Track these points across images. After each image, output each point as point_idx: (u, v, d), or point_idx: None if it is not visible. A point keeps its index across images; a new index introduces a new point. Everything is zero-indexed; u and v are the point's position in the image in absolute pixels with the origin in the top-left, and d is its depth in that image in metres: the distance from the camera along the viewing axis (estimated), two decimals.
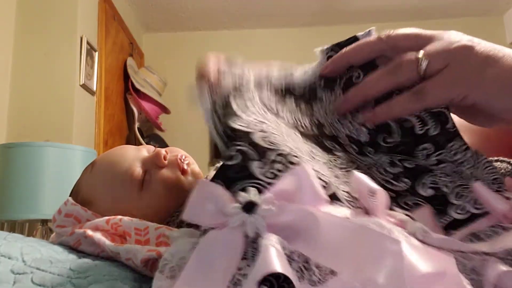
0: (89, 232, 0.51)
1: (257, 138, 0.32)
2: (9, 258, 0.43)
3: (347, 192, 0.32)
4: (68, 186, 0.72)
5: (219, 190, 0.28)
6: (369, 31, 0.46)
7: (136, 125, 2.93)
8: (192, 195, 0.28)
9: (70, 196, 0.66)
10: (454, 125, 0.38)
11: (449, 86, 0.36)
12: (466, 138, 0.38)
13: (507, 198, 0.31)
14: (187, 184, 0.64)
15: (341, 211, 0.28)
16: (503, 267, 0.25)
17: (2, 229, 1.74)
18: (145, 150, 0.67)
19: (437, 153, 0.37)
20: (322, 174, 0.31)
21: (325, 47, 0.48)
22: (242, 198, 0.26)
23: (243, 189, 0.28)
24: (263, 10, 3.33)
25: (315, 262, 0.24)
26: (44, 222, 1.65)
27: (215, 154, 3.30)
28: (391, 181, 0.35)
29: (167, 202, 0.60)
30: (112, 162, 0.64)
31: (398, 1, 3.28)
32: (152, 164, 0.63)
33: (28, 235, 0.89)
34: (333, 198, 0.30)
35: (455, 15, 3.52)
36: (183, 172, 0.64)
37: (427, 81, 0.37)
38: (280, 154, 0.31)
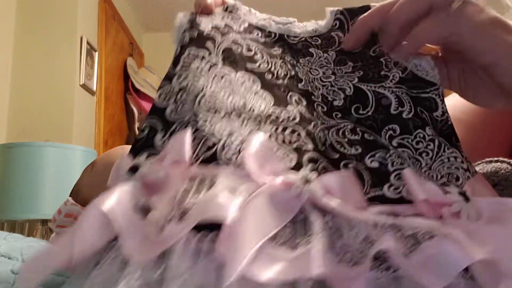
0: None
1: (168, 112, 0.36)
2: (9, 258, 0.43)
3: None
4: (68, 186, 0.72)
5: (125, 160, 0.33)
6: None
7: (136, 125, 2.93)
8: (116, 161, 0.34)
9: (70, 196, 0.66)
10: (444, 113, 0.38)
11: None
12: (458, 133, 0.37)
13: (446, 192, 0.31)
14: None
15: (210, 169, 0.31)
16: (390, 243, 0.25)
17: (2, 229, 1.74)
18: None
19: (401, 137, 0.36)
20: (217, 134, 0.33)
21: (336, 8, 0.48)
22: (132, 163, 0.32)
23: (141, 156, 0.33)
24: (263, 10, 3.33)
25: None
26: (44, 222, 1.65)
27: None
28: (345, 144, 0.35)
29: None
30: (112, 162, 0.64)
31: None
32: None
33: (28, 235, 0.89)
34: (211, 160, 0.32)
35: None
36: None
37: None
38: (180, 123, 0.35)
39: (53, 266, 0.26)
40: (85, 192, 0.64)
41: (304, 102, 0.39)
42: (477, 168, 0.46)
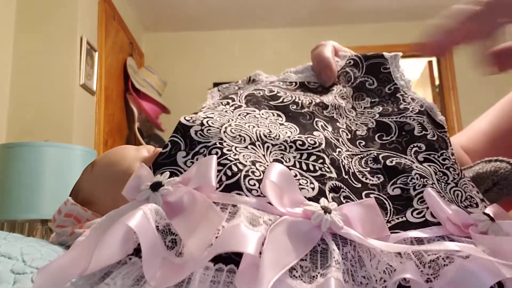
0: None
1: (192, 131, 0.36)
2: (9, 258, 0.43)
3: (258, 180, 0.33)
4: (68, 186, 0.72)
5: (145, 172, 0.33)
6: (396, 55, 0.49)
7: (136, 125, 2.93)
8: (134, 171, 0.33)
9: (70, 196, 0.66)
10: (453, 154, 0.39)
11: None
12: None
13: (469, 213, 0.30)
14: None
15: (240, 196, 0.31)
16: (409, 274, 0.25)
17: (2, 229, 1.74)
18: (145, 150, 0.68)
19: (427, 152, 0.37)
20: (241, 162, 0.33)
21: (349, 54, 0.50)
22: (154, 179, 0.31)
23: (163, 173, 0.33)
24: (263, 10, 3.33)
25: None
26: (44, 222, 1.65)
27: None
28: (367, 174, 0.36)
29: None
30: (112, 162, 0.64)
31: (398, 1, 3.28)
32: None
33: (28, 235, 0.89)
34: (234, 187, 0.32)
35: None
36: None
37: None
38: (205, 146, 0.35)
39: (70, 277, 0.26)
40: (85, 192, 0.64)
41: (330, 128, 0.40)
42: (476, 168, 0.46)
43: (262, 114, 0.40)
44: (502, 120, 0.58)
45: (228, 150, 0.34)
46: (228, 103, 0.41)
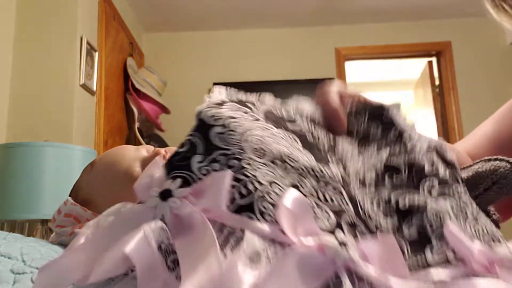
0: None
1: (212, 133, 0.34)
2: (9, 258, 0.43)
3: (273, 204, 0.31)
4: (68, 186, 0.72)
5: (158, 172, 0.32)
6: (397, 104, 0.48)
7: (136, 125, 2.93)
8: (145, 169, 0.32)
9: (69, 195, 0.66)
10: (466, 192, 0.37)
11: None
12: None
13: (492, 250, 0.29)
14: None
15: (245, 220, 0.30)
16: None
17: (2, 229, 1.74)
18: (145, 150, 0.68)
19: (441, 186, 0.35)
20: (259, 181, 0.32)
21: (355, 101, 0.49)
22: (165, 185, 0.30)
23: (175, 177, 0.31)
24: (263, 10, 3.33)
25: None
26: (44, 222, 1.65)
27: None
28: (380, 216, 0.34)
29: None
30: (112, 162, 0.64)
31: (398, 1, 3.28)
32: None
33: (28, 235, 0.89)
34: (246, 208, 0.30)
35: (455, 15, 3.53)
36: None
37: None
38: (223, 154, 0.33)
39: (70, 281, 0.26)
40: (84, 192, 0.64)
41: (341, 167, 0.38)
42: (475, 167, 0.46)
43: (279, 133, 0.38)
44: (506, 125, 0.58)
45: (246, 163, 0.32)
46: (246, 112, 0.39)
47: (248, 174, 0.32)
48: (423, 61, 3.83)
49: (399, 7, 3.35)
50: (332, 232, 0.30)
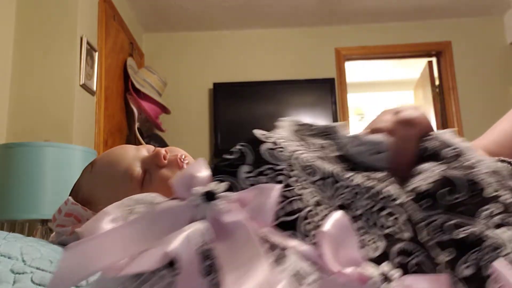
0: None
1: (263, 148, 0.34)
2: (9, 257, 0.43)
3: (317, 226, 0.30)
4: (68, 186, 0.72)
5: (203, 172, 0.31)
6: (450, 130, 0.46)
7: (136, 125, 2.93)
8: (187, 167, 0.30)
9: (70, 195, 0.66)
10: None
11: None
12: None
13: None
14: None
15: (281, 238, 0.29)
16: None
17: (2, 229, 1.74)
18: (145, 150, 0.67)
19: (501, 216, 0.33)
20: (305, 200, 0.31)
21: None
22: (209, 186, 0.29)
23: (220, 181, 0.31)
24: (263, 10, 3.33)
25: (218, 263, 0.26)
26: (44, 222, 1.65)
27: (215, 153, 3.30)
28: (436, 245, 0.32)
29: None
30: (112, 162, 0.64)
31: (398, 1, 3.28)
32: (152, 164, 0.63)
33: (28, 235, 0.89)
34: (290, 226, 0.30)
35: (455, 15, 3.52)
36: None
37: None
38: (272, 169, 0.33)
39: (95, 268, 0.26)
40: (84, 192, 0.64)
41: (397, 186, 0.36)
42: None
43: (329, 152, 0.38)
44: None
45: (294, 181, 0.32)
46: (302, 144, 0.39)
47: (296, 192, 0.31)
48: (423, 61, 3.83)
49: (399, 7, 3.35)
50: (377, 261, 0.28)
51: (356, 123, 5.93)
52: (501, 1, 3.32)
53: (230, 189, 0.31)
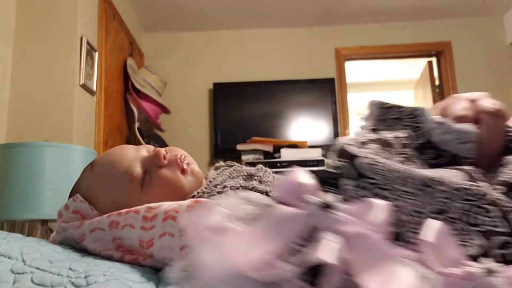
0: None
1: (360, 162, 0.36)
2: (9, 257, 0.43)
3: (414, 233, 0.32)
4: (68, 186, 0.72)
5: (310, 181, 0.32)
6: None
7: (136, 125, 2.93)
8: (289, 173, 0.33)
9: (69, 195, 0.66)
10: None
11: None
12: None
13: None
14: (187, 183, 0.64)
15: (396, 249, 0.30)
16: None
17: (2, 229, 1.74)
18: (145, 150, 0.68)
19: None
20: (403, 212, 0.33)
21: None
22: (324, 196, 0.31)
23: (326, 192, 0.32)
24: (263, 10, 3.33)
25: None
26: (44, 222, 1.65)
27: (215, 153, 3.30)
28: None
29: (166, 201, 0.60)
30: (112, 162, 0.64)
31: (398, 1, 3.28)
32: (152, 164, 0.63)
33: (28, 235, 0.89)
34: (393, 236, 0.31)
35: (455, 15, 3.52)
36: (183, 171, 0.64)
37: None
38: (374, 184, 0.35)
39: (233, 265, 0.27)
40: (85, 192, 0.64)
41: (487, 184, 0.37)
42: None
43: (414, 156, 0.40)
44: None
45: (389, 192, 0.34)
46: (389, 144, 0.41)
47: (394, 204, 0.33)
48: (423, 61, 3.83)
49: (399, 7, 3.35)
50: (478, 258, 0.29)
51: (356, 123, 5.94)
52: (501, 1, 3.32)
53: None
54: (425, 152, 0.41)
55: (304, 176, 0.33)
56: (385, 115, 0.47)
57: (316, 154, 2.92)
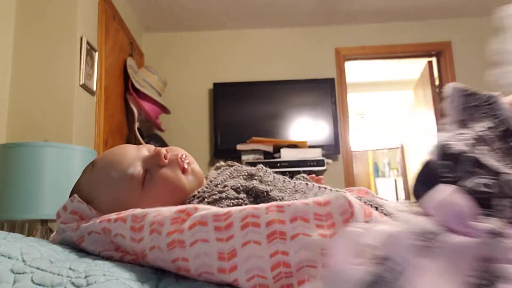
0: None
1: (506, 179, 0.35)
2: (9, 257, 0.43)
3: None
4: (68, 186, 0.71)
5: (463, 201, 0.31)
6: None
7: (136, 125, 2.93)
8: (439, 193, 0.31)
9: (70, 195, 0.66)
10: None
11: None
12: None
13: None
14: (187, 183, 0.64)
15: None
16: None
17: (2, 229, 1.74)
18: (146, 150, 0.67)
19: None
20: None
21: None
22: (491, 224, 0.29)
23: (487, 214, 0.31)
24: (263, 10, 3.33)
25: None
26: (44, 222, 1.65)
27: (215, 153, 3.30)
28: None
29: (167, 200, 0.60)
30: (113, 162, 0.64)
31: (398, 1, 3.28)
32: (152, 163, 0.63)
33: (28, 235, 0.89)
34: None
35: (455, 15, 3.53)
36: (184, 171, 0.64)
37: None
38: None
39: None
40: (85, 192, 0.64)
41: None
42: None
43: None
44: None
45: None
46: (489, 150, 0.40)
47: None
48: (423, 61, 3.83)
49: (399, 7, 3.35)
50: None
51: (356, 123, 5.94)
52: (501, 1, 3.32)
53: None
54: (505, 140, 0.42)
55: (458, 196, 0.31)
56: (466, 103, 0.46)
57: (316, 154, 2.92)
